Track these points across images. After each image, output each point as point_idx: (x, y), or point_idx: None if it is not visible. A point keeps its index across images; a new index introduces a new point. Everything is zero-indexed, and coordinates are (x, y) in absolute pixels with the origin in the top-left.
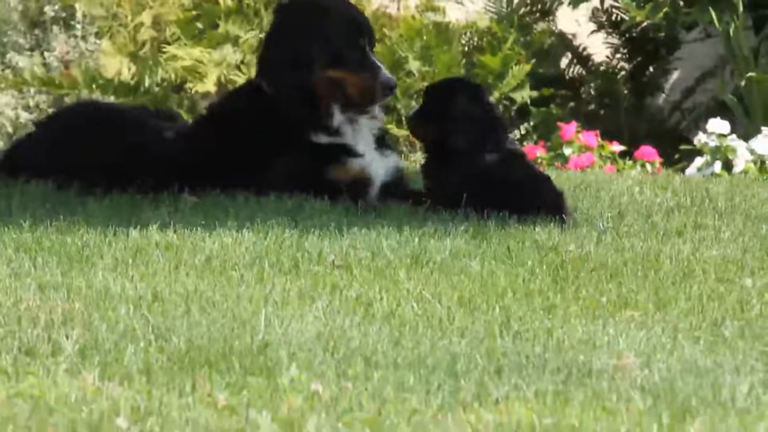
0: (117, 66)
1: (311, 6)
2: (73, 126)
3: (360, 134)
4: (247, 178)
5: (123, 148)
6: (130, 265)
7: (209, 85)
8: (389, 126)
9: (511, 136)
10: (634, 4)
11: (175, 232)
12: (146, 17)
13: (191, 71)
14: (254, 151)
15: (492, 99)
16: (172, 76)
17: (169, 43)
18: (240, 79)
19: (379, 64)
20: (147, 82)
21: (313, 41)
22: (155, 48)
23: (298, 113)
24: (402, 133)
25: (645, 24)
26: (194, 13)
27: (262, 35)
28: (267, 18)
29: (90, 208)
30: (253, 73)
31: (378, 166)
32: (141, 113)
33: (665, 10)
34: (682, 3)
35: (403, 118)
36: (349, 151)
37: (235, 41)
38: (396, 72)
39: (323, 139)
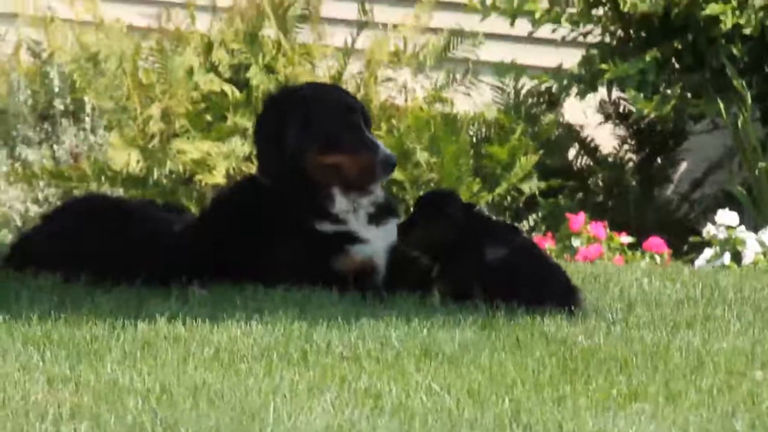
0: (125, 158)
1: (299, 94)
2: (78, 219)
3: (362, 216)
4: (253, 270)
5: (130, 241)
6: (139, 357)
7: (218, 178)
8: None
9: (519, 227)
10: (641, 96)
11: (183, 324)
12: (155, 110)
13: (200, 164)
14: (258, 242)
15: (501, 190)
16: (181, 168)
17: (177, 135)
18: (249, 171)
19: (376, 141)
20: (156, 175)
21: (304, 128)
22: (164, 140)
23: (297, 202)
24: None
25: (653, 116)
26: (203, 105)
27: None
28: None
29: (98, 301)
30: None
31: (381, 248)
32: (147, 206)
33: (673, 102)
34: (689, 95)
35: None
36: (353, 239)
37: (243, 133)
38: (404, 163)
39: (326, 227)
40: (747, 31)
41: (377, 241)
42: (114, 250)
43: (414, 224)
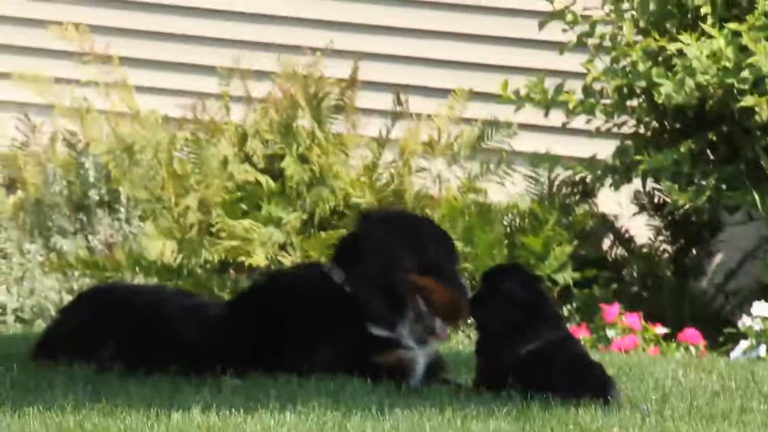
0: (159, 248)
1: (404, 217)
2: (101, 308)
3: (410, 334)
4: (293, 359)
5: (162, 330)
6: None
7: (260, 259)
8: None
9: (563, 321)
10: (676, 187)
11: (217, 414)
12: (192, 200)
13: (237, 249)
14: (306, 333)
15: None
16: (216, 257)
17: (213, 226)
18: (286, 260)
19: (466, 286)
20: (190, 265)
21: (412, 249)
22: (201, 231)
23: (376, 311)
24: None
25: (687, 207)
26: (238, 194)
27: (305, 216)
28: (309, 199)
29: (131, 390)
30: (298, 254)
31: (422, 357)
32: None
33: (708, 194)
34: (724, 186)
35: None
36: (399, 343)
37: (277, 223)
38: None
39: (380, 332)
40: None
41: (419, 351)
42: (145, 340)
43: (480, 299)
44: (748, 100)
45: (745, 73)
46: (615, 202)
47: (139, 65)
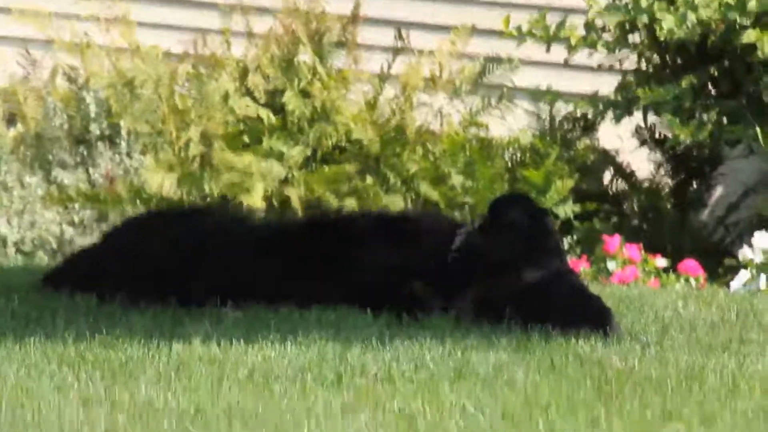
0: (159, 181)
1: None
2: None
3: None
4: None
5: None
6: (173, 378)
7: (257, 199)
8: None
9: (564, 254)
10: (677, 121)
11: (218, 345)
12: (194, 133)
13: (238, 186)
14: None
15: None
16: (215, 191)
17: (213, 160)
18: (291, 194)
19: None
20: (193, 196)
21: None
22: (203, 163)
23: None
24: None
25: (688, 141)
26: (240, 128)
27: (308, 151)
28: (312, 134)
29: (133, 322)
30: (302, 189)
31: None
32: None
33: (709, 128)
34: (725, 121)
35: None
36: None
37: (279, 157)
38: (439, 185)
39: None
40: None
41: None
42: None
43: (484, 229)
44: (750, 36)
45: (752, 5)
46: (616, 136)
47: (141, 0)
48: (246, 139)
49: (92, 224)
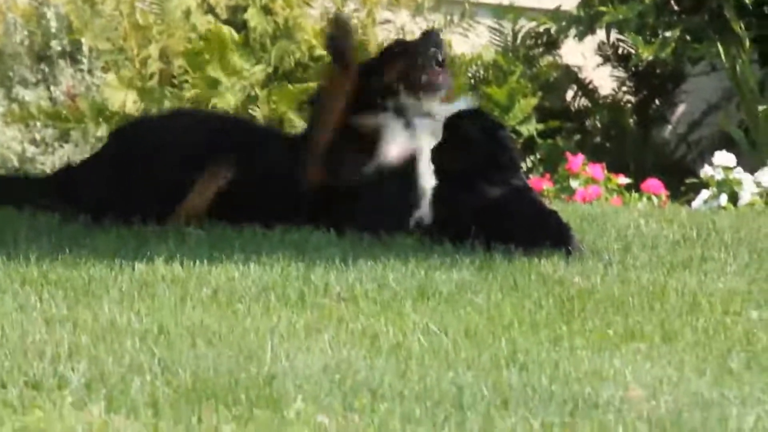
0: (121, 98)
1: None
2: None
3: None
4: None
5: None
6: (136, 298)
7: (230, 101)
8: None
9: (522, 170)
10: (641, 39)
11: (181, 265)
12: (153, 50)
13: (202, 97)
14: None
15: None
16: (177, 104)
17: (175, 77)
18: (255, 112)
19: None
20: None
21: None
22: (163, 80)
23: None
24: None
25: (651, 58)
26: (201, 44)
27: (270, 69)
28: (274, 52)
29: (96, 242)
30: (264, 106)
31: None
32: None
33: (672, 46)
34: (688, 38)
35: None
36: None
37: (240, 74)
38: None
39: None
40: None
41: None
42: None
43: (441, 144)
44: None
45: None
46: (579, 53)
47: None
48: (207, 56)
49: (54, 142)
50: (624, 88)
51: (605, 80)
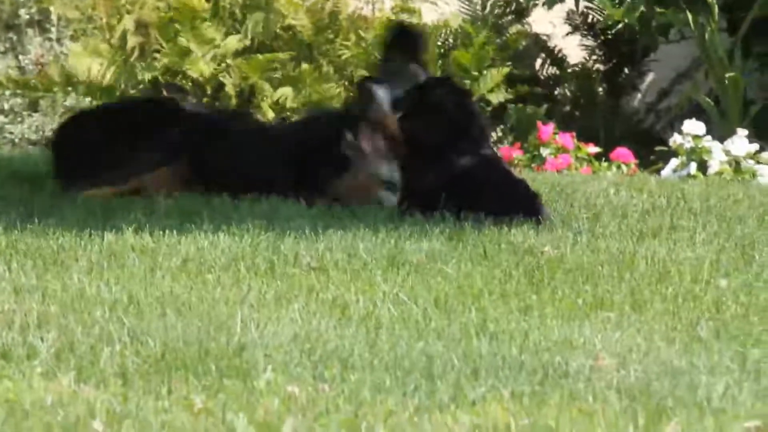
0: (88, 66)
1: None
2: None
3: None
4: None
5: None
6: (106, 268)
7: (206, 69)
8: None
9: (490, 139)
10: (609, 2)
11: (150, 235)
12: (129, 22)
13: (172, 70)
14: None
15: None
16: (149, 76)
17: (145, 47)
18: (227, 81)
19: None
20: (126, 83)
21: None
22: (134, 51)
23: None
24: None
25: (620, 26)
26: (170, 15)
27: (247, 41)
28: (249, 24)
29: (65, 212)
30: (236, 76)
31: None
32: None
33: (641, 10)
34: (657, 7)
35: None
36: None
37: (210, 43)
38: (372, 72)
39: None
40: None
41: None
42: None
43: (409, 115)
44: None
45: None
46: (548, 21)
47: None
48: (178, 26)
49: (22, 111)
50: (593, 57)
51: (574, 49)
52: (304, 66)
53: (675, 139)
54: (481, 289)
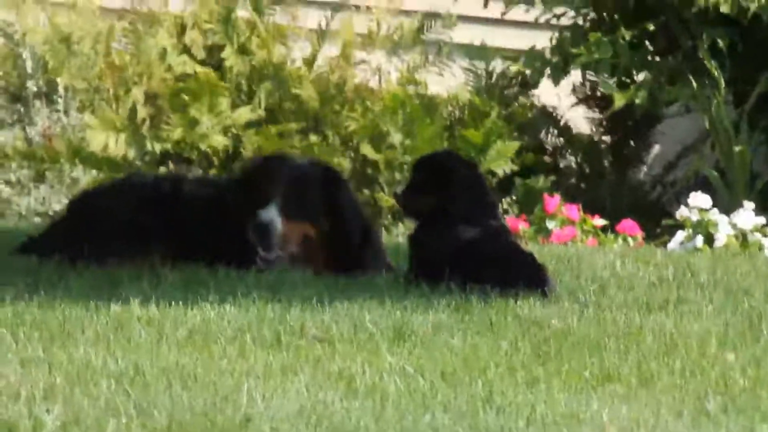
0: (103, 140)
1: None
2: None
3: None
4: None
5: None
6: (112, 339)
7: (220, 141)
8: (376, 196)
9: (498, 210)
10: (614, 82)
11: (156, 306)
12: (138, 94)
13: (185, 143)
14: None
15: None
16: (158, 148)
17: (153, 118)
18: (245, 152)
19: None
20: (132, 156)
21: None
22: (144, 122)
23: None
24: (386, 204)
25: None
26: (179, 85)
27: (261, 112)
28: (261, 93)
29: (71, 283)
30: (249, 147)
31: None
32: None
33: (647, 92)
34: (663, 79)
35: (386, 189)
36: None
37: (217, 114)
38: (378, 145)
39: None
40: (724, 9)
41: None
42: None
43: (419, 183)
44: None
45: None
46: (554, 93)
47: None
48: (185, 97)
49: (29, 183)
50: (600, 129)
51: (580, 120)
52: (312, 137)
53: (681, 212)
54: (488, 361)
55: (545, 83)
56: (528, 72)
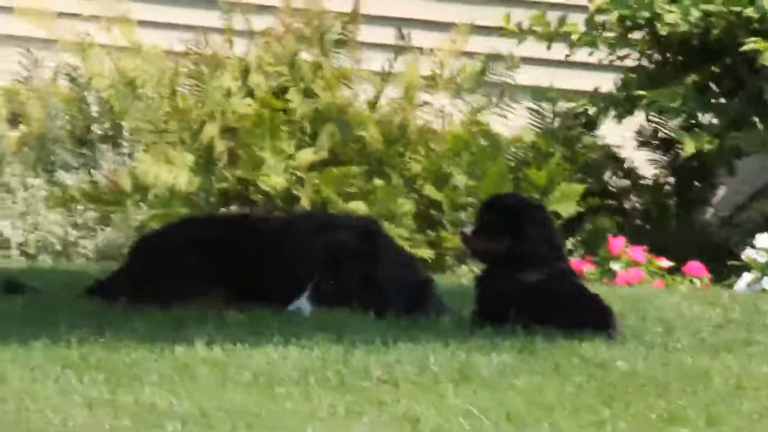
0: (170, 180)
1: None
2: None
3: None
4: None
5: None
6: (177, 381)
7: (280, 182)
8: (441, 236)
9: (564, 252)
10: (677, 125)
11: (221, 348)
12: (213, 129)
13: (246, 181)
14: None
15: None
16: (224, 186)
17: (216, 159)
18: (301, 194)
19: None
20: (199, 195)
21: None
22: (213, 160)
23: None
24: (450, 244)
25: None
26: (246, 125)
27: (325, 153)
28: (324, 135)
29: (136, 325)
30: (309, 189)
31: None
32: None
33: (717, 141)
34: (728, 121)
35: (450, 229)
36: None
37: (282, 154)
38: (442, 186)
39: None
40: None
41: None
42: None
43: (488, 230)
44: (752, 46)
45: (749, 11)
46: (617, 133)
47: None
48: (254, 137)
49: (95, 226)
50: (664, 170)
51: (644, 161)
52: (377, 181)
53: (748, 253)
54: (553, 403)
55: (609, 123)
56: (592, 111)
